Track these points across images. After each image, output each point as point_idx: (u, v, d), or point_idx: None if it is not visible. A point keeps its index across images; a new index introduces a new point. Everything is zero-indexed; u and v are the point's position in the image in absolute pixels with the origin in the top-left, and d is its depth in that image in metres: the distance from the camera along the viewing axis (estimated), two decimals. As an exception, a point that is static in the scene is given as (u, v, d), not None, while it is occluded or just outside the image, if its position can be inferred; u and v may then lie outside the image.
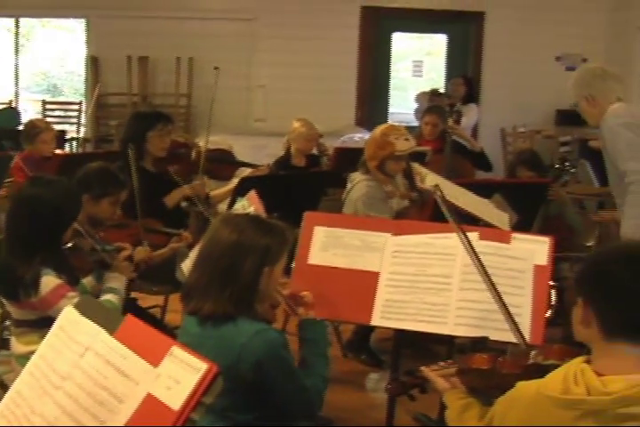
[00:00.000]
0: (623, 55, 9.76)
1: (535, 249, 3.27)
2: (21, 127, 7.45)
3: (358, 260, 3.42)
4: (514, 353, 2.53)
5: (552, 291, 3.92)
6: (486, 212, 4.25)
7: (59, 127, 8.85)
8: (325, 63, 10.73)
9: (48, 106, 11.81)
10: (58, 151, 6.60)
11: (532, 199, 5.14)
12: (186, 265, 3.75)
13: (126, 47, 10.75)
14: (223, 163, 6.15)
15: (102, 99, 10.89)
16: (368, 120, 10.77)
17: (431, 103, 8.29)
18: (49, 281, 3.33)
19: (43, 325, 3.04)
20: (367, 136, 6.17)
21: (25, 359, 2.24)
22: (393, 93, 11.98)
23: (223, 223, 2.81)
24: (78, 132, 11.23)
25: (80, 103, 11.56)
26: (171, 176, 5.11)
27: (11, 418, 2.03)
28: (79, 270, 3.66)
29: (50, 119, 10.25)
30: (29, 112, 12.08)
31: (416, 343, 4.91)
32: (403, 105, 12.34)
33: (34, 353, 2.16)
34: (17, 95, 11.68)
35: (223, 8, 10.91)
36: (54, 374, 2.02)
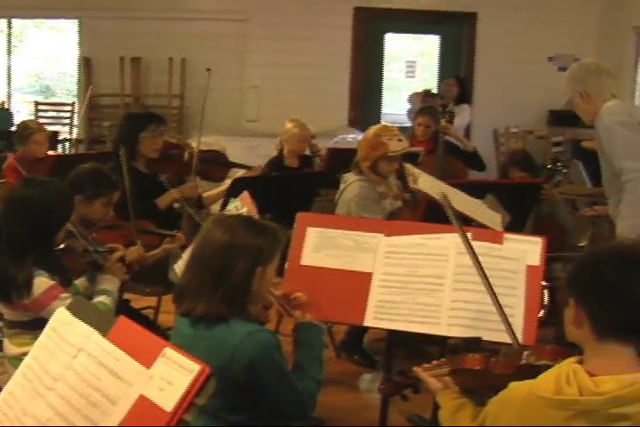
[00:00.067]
0: (615, 55, 9.77)
1: (528, 249, 3.27)
2: (14, 128, 7.45)
3: (351, 260, 3.42)
4: (507, 353, 2.53)
5: (544, 291, 3.92)
6: (479, 212, 4.25)
7: (51, 128, 8.84)
8: (318, 64, 10.74)
9: (41, 107, 11.80)
10: (50, 152, 6.59)
11: (525, 200, 5.14)
12: (178, 266, 3.75)
13: (119, 48, 10.75)
14: (216, 164, 6.14)
15: (95, 100, 10.88)
16: (361, 121, 10.78)
17: (424, 104, 8.30)
18: (41, 282, 3.32)
19: (35, 326, 3.04)
20: (360, 137, 6.18)
21: (18, 361, 2.24)
22: (386, 94, 11.98)
23: (215, 224, 2.81)
24: (71, 133, 11.23)
25: (73, 104, 11.55)
26: (161, 182, 5.09)
27: (3, 419, 2.03)
28: (72, 272, 3.65)
29: (42, 120, 10.26)
30: (22, 113, 12.07)
31: (409, 344, 4.92)
32: (395, 106, 12.33)
33: (27, 355, 2.16)
34: (9, 96, 11.66)
35: (215, 9, 10.92)
36: (47, 375, 2.01)
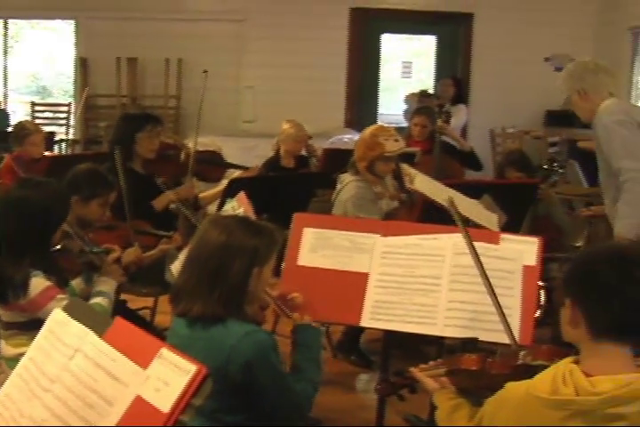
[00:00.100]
0: (612, 56, 9.76)
1: (524, 250, 3.27)
2: (10, 129, 7.45)
3: (347, 261, 3.42)
4: (503, 354, 2.53)
5: (541, 291, 3.92)
6: (475, 212, 4.25)
7: (48, 129, 8.82)
8: (314, 64, 10.73)
9: (37, 107, 11.77)
10: (47, 153, 6.58)
11: (521, 200, 5.15)
12: (175, 267, 3.75)
13: (115, 49, 10.73)
14: (212, 164, 6.14)
15: (91, 100, 10.86)
16: (357, 121, 10.78)
17: (420, 104, 8.29)
18: (38, 283, 3.32)
19: (32, 327, 3.03)
20: (356, 137, 6.18)
21: (14, 362, 2.23)
22: (382, 94, 11.97)
23: (212, 225, 2.81)
24: (67, 133, 11.20)
25: (69, 105, 11.53)
26: (157, 185, 5.09)
27: (-1, 421, 2.03)
28: (68, 272, 3.65)
29: (39, 121, 10.26)
30: (18, 114, 12.05)
31: (406, 344, 4.91)
32: (392, 106, 12.33)
33: (23, 355, 2.15)
34: (6, 97, 11.65)
35: (212, 9, 10.91)
36: (43, 376, 2.01)
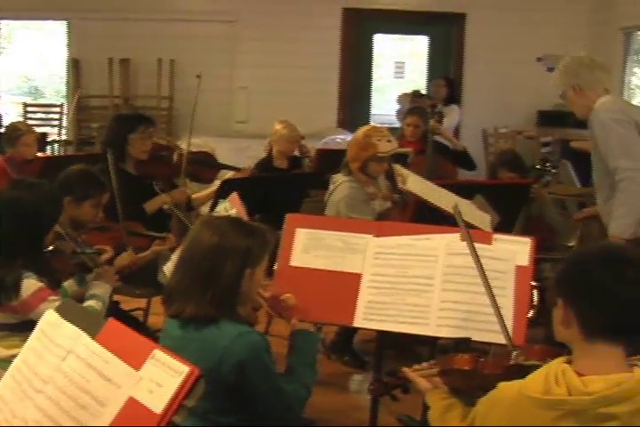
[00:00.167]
0: (604, 56, 9.73)
1: (517, 250, 3.27)
2: (3, 130, 7.43)
3: (340, 261, 3.42)
4: (496, 354, 2.53)
5: (534, 291, 3.93)
6: (468, 213, 4.25)
7: (40, 130, 8.82)
8: (307, 65, 10.73)
9: (29, 108, 11.76)
10: (39, 154, 6.57)
11: (514, 200, 5.15)
12: (168, 268, 3.74)
13: (108, 49, 10.73)
14: (205, 165, 6.13)
15: (84, 101, 10.86)
16: (350, 122, 10.77)
17: (413, 104, 8.28)
18: (30, 284, 3.31)
19: (24, 328, 3.03)
20: (349, 138, 6.19)
21: (7, 363, 2.23)
22: (375, 95, 11.99)
23: (204, 226, 2.80)
24: (60, 134, 11.18)
25: (61, 106, 11.52)
26: (151, 187, 5.08)
27: (-8, 422, 2.03)
28: (60, 273, 3.65)
29: (31, 122, 10.21)
30: (11, 115, 12.04)
31: (399, 344, 4.92)
32: (385, 106, 12.33)
33: (16, 357, 2.15)
34: (-2, 98, 11.67)
35: (204, 10, 10.90)
36: (36, 377, 2.01)
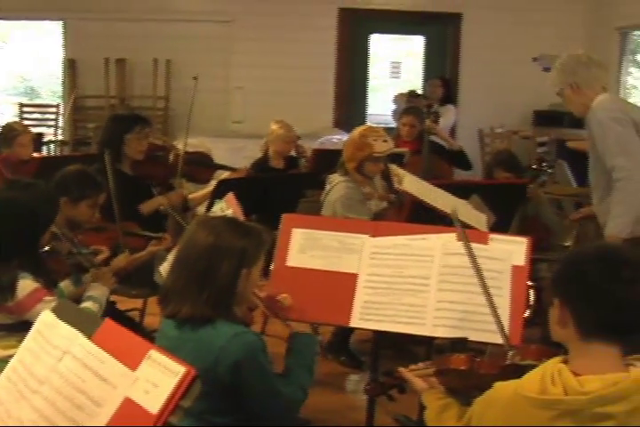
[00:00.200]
0: (600, 56, 9.66)
1: (513, 250, 3.27)
2: (-2, 130, 7.42)
3: (336, 261, 3.42)
4: (492, 354, 2.53)
5: (530, 291, 3.93)
6: (464, 213, 4.25)
7: (36, 130, 8.77)
8: (303, 65, 10.74)
9: (25, 108, 11.75)
10: (35, 154, 6.56)
11: (510, 200, 5.15)
12: (164, 268, 3.74)
13: (104, 49, 10.73)
14: (201, 165, 6.12)
15: (80, 101, 10.86)
16: (346, 122, 10.78)
17: (409, 104, 8.28)
18: (26, 285, 3.30)
19: (20, 329, 3.02)
20: (345, 138, 6.19)
21: (3, 363, 2.23)
22: (371, 95, 11.99)
23: (200, 226, 2.80)
24: (56, 134, 11.18)
25: (57, 106, 11.50)
26: (148, 188, 5.07)
27: (-12, 423, 2.03)
28: (57, 274, 3.64)
29: (27, 122, 10.22)
30: (6, 115, 12.05)
31: (396, 344, 4.92)
32: (381, 106, 12.34)
33: (12, 357, 2.15)
34: (-6, 98, 11.65)
35: (201, 10, 10.90)
36: (32, 378, 2.01)
